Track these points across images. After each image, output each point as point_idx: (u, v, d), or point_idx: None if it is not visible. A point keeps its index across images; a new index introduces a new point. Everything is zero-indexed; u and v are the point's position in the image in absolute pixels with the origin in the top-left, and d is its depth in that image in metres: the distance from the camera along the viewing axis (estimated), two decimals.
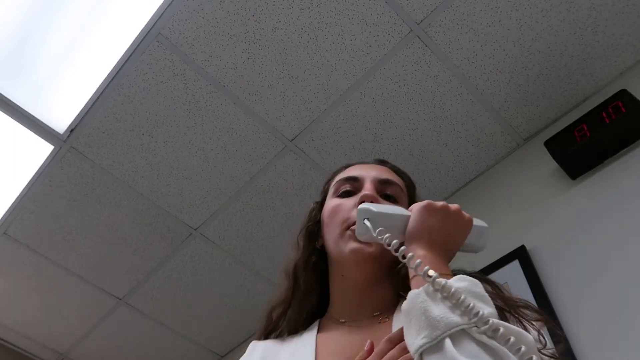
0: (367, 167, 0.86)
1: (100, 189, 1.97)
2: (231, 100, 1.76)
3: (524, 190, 1.71)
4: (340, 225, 0.77)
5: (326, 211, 0.82)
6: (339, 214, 0.79)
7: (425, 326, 0.54)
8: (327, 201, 0.85)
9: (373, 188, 0.79)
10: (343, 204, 0.80)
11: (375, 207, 0.71)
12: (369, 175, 0.83)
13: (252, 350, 0.79)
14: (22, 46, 1.64)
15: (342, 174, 0.87)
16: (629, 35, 1.59)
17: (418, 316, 0.55)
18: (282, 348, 0.77)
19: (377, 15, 1.57)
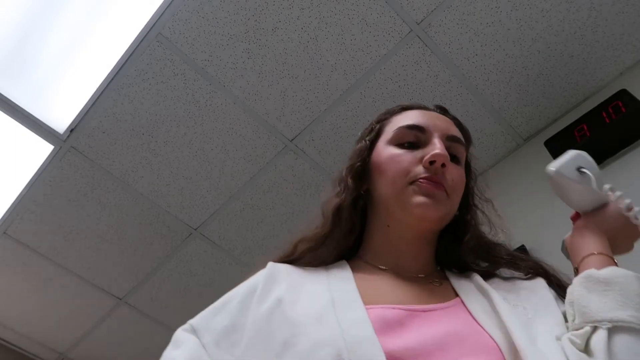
0: (432, 116, 0.79)
1: (100, 189, 1.97)
2: (231, 100, 1.76)
3: (524, 190, 1.71)
4: (403, 178, 0.71)
5: (383, 157, 0.76)
6: (400, 166, 0.72)
7: (636, 307, 0.55)
8: (383, 146, 0.77)
9: (443, 147, 0.73)
10: (405, 157, 0.73)
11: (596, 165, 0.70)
12: (436, 128, 0.76)
13: (274, 271, 0.71)
14: (22, 46, 1.64)
15: (403, 119, 0.79)
16: (629, 35, 1.59)
17: (629, 294, 0.56)
18: (309, 278, 0.71)
19: (377, 15, 1.57)
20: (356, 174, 0.78)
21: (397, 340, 0.56)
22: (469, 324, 0.61)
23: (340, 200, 0.76)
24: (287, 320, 0.61)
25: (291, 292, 0.66)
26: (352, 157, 0.81)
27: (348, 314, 0.60)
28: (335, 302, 0.63)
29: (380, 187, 0.75)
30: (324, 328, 0.58)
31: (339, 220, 0.76)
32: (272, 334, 0.60)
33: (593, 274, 0.60)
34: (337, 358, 0.53)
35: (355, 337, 0.55)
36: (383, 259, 0.75)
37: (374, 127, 0.82)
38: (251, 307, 0.66)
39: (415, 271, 0.74)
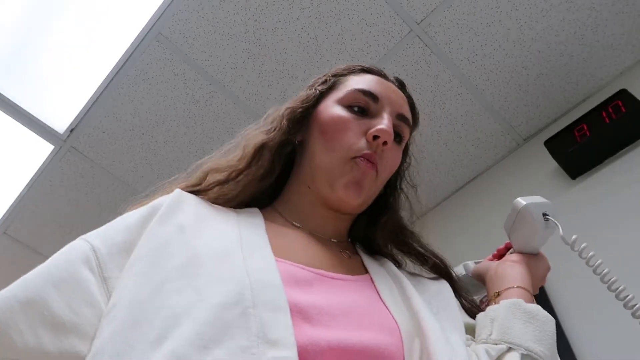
0: (389, 88, 0.76)
1: (100, 189, 1.97)
2: (231, 100, 1.76)
3: (524, 190, 1.70)
4: (344, 149, 0.68)
5: (328, 115, 0.72)
6: (346, 134, 0.69)
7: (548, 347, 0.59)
8: (331, 103, 0.73)
9: (391, 125, 0.70)
10: (352, 124, 0.70)
11: None
12: (390, 102, 0.73)
13: (180, 198, 0.64)
14: (22, 46, 1.64)
15: (359, 82, 0.75)
16: (629, 35, 1.59)
17: (544, 330, 0.60)
18: (217, 215, 0.65)
19: (377, 15, 1.57)
20: (294, 118, 0.73)
21: (304, 295, 0.54)
22: (374, 302, 0.61)
23: (267, 139, 0.71)
24: (187, 247, 0.56)
25: (196, 222, 0.61)
26: (296, 101, 0.76)
27: (256, 258, 0.56)
28: (244, 244, 0.58)
29: (315, 147, 0.71)
30: (228, 265, 0.54)
31: (258, 159, 0.70)
32: (167, 257, 0.54)
33: (521, 304, 0.62)
34: (239, 296, 0.49)
35: (261, 282, 0.52)
36: (297, 216, 0.71)
37: (328, 80, 0.78)
38: (148, 226, 0.59)
39: (329, 236, 0.72)
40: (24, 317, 0.48)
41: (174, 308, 0.48)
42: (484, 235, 1.73)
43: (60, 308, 0.50)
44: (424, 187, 2.11)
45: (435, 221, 1.97)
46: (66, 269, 0.53)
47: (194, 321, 0.47)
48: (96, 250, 0.55)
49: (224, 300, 0.48)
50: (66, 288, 0.51)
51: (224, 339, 0.45)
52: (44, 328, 0.48)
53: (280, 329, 0.47)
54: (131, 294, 0.50)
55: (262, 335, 0.46)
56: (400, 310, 0.60)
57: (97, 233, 0.58)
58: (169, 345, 0.45)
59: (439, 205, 2.00)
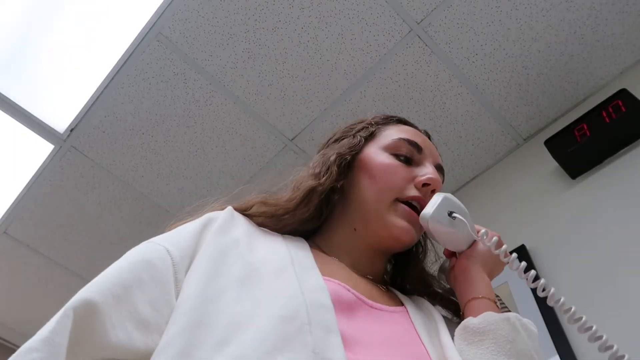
0: (425, 140, 0.82)
1: (100, 188, 1.97)
2: (231, 100, 1.76)
3: (524, 190, 1.71)
4: (391, 192, 0.72)
5: (376, 162, 0.75)
6: (393, 177, 0.73)
7: (505, 353, 0.58)
8: (377, 150, 0.77)
9: (436, 173, 0.76)
10: (399, 170, 0.74)
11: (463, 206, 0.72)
12: (430, 153, 0.80)
13: (234, 214, 0.69)
14: (22, 46, 1.64)
15: (401, 132, 0.80)
16: (629, 35, 1.59)
17: (499, 341, 0.58)
18: (265, 235, 0.69)
19: (377, 14, 1.57)
20: (343, 165, 0.76)
21: (347, 322, 0.56)
22: (410, 334, 0.63)
23: (317, 184, 0.73)
24: (244, 260, 0.59)
25: (249, 239, 0.65)
26: (343, 147, 0.78)
27: (308, 277, 0.59)
28: (295, 262, 0.62)
29: (364, 191, 0.74)
30: (284, 281, 0.57)
31: (307, 203, 0.73)
32: (226, 266, 0.58)
33: (468, 325, 0.62)
34: (296, 313, 0.52)
35: (315, 301, 0.55)
36: (338, 252, 0.74)
37: (369, 127, 0.81)
38: (207, 236, 0.62)
39: (366, 273, 0.74)
40: (117, 312, 0.51)
41: (235, 316, 0.52)
42: None
43: (145, 307, 0.53)
44: None
45: None
46: (147, 269, 0.56)
47: (257, 329, 0.50)
48: (170, 253, 0.58)
49: (283, 313, 0.52)
50: (149, 288, 0.54)
51: (285, 349, 0.48)
52: (132, 324, 0.51)
53: (334, 349, 0.50)
54: (195, 297, 0.53)
55: (318, 352, 0.49)
56: (432, 343, 0.62)
57: (165, 238, 0.62)
58: (234, 350, 0.48)
59: None
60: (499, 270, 0.74)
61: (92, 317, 0.49)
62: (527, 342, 0.60)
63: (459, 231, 0.70)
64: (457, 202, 0.72)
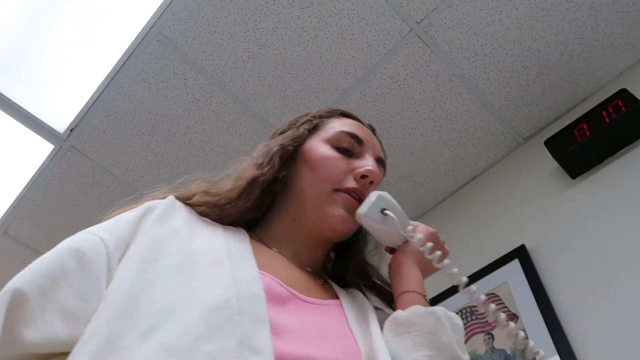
0: (367, 133, 0.83)
1: (100, 188, 1.97)
2: (231, 100, 1.76)
3: (524, 190, 1.71)
4: (331, 184, 0.74)
5: (317, 154, 0.77)
6: (332, 169, 0.75)
7: (429, 345, 0.59)
8: (319, 142, 0.79)
9: (376, 166, 0.77)
10: (339, 161, 0.76)
11: (397, 204, 0.74)
12: (372, 146, 0.81)
13: (175, 203, 0.69)
14: (22, 46, 1.64)
15: (344, 125, 0.81)
16: (629, 35, 1.59)
17: (424, 333, 0.61)
18: (206, 225, 0.69)
19: (377, 14, 1.57)
20: (285, 156, 0.77)
21: (277, 313, 0.57)
22: (342, 327, 0.65)
23: (259, 174, 0.74)
24: (181, 250, 0.59)
25: (188, 229, 0.65)
26: (286, 139, 0.79)
27: (242, 269, 0.60)
28: (232, 254, 0.62)
29: (303, 182, 0.76)
30: (219, 272, 0.58)
31: (249, 193, 0.74)
32: (162, 256, 0.58)
33: (396, 317, 0.64)
34: (227, 304, 0.52)
35: (247, 292, 0.55)
36: (277, 243, 0.75)
37: (313, 120, 0.83)
38: (144, 225, 0.62)
39: (305, 264, 0.75)
40: (40, 302, 0.50)
41: (166, 304, 0.52)
42: (484, 235, 1.74)
43: (71, 297, 0.52)
44: (424, 187, 2.13)
45: (435, 221, 1.97)
46: (77, 259, 0.55)
47: (186, 318, 0.50)
48: (105, 241, 0.58)
49: (214, 303, 0.52)
50: (77, 278, 0.54)
51: (212, 338, 0.49)
52: (55, 315, 0.50)
53: (262, 339, 0.51)
54: (127, 285, 0.53)
55: (246, 342, 0.50)
56: (362, 335, 0.64)
57: (101, 227, 0.62)
58: (160, 338, 0.48)
59: (439, 205, 2.00)
60: (432, 269, 0.75)
61: (18, 307, 0.48)
62: (451, 334, 0.62)
63: (391, 228, 0.72)
64: (390, 200, 0.74)
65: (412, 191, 1.98)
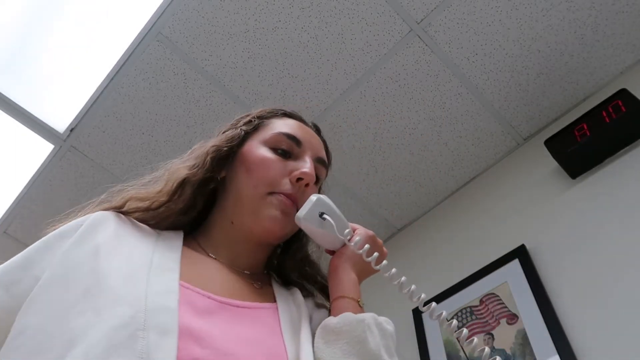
0: (309, 133, 0.82)
1: (100, 188, 1.96)
2: (231, 100, 1.76)
3: (524, 190, 1.71)
4: (266, 186, 0.73)
5: (254, 156, 0.76)
6: (268, 172, 0.73)
7: (356, 353, 0.59)
8: (256, 144, 0.78)
9: (313, 168, 0.76)
10: (275, 164, 0.75)
11: (335, 207, 0.74)
12: (311, 146, 0.80)
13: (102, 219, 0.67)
14: (22, 46, 1.64)
15: (283, 126, 0.80)
16: (629, 35, 1.59)
17: (352, 341, 0.60)
18: (136, 234, 0.68)
19: (377, 14, 1.57)
20: (219, 157, 0.76)
21: (199, 321, 0.57)
22: (273, 331, 0.64)
23: (189, 174, 0.73)
24: (95, 270, 0.58)
25: (112, 242, 0.63)
26: (222, 140, 0.79)
27: (159, 281, 0.58)
28: (153, 266, 0.61)
29: (240, 184, 0.75)
30: (130, 287, 0.56)
31: (179, 195, 0.72)
32: (75, 281, 0.57)
33: (327, 324, 0.64)
34: (131, 320, 0.51)
35: (157, 304, 0.54)
36: (215, 248, 0.74)
37: (253, 121, 0.82)
38: (62, 247, 0.62)
39: (243, 267, 0.75)
40: None
41: (72, 331, 0.51)
42: (484, 235, 1.73)
43: None
44: (424, 187, 2.13)
45: (435, 221, 1.97)
46: None
47: (86, 343, 0.49)
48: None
49: (117, 322, 0.51)
50: None
51: (110, 358, 0.48)
52: None
53: (164, 350, 0.50)
54: (38, 321, 0.53)
55: (145, 356, 0.49)
56: (293, 340, 0.64)
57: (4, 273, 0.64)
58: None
59: (439, 205, 2.00)
60: (370, 271, 0.75)
61: None
62: (379, 341, 0.62)
63: (329, 232, 0.72)
64: (329, 204, 0.74)
65: (412, 191, 1.98)
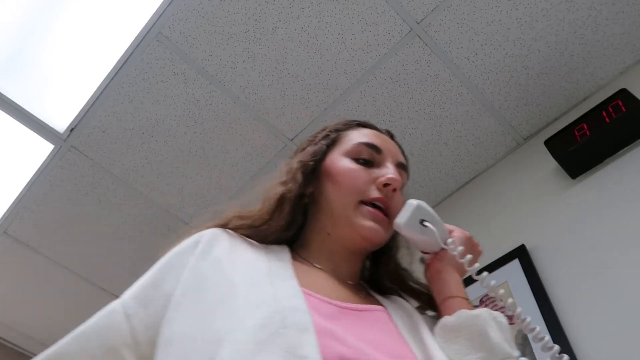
0: (385, 140, 0.85)
1: (100, 188, 1.97)
2: (231, 100, 1.76)
3: (524, 190, 1.71)
4: (356, 196, 0.75)
5: (338, 168, 0.79)
6: (356, 182, 0.76)
7: (480, 347, 0.61)
8: (338, 156, 0.81)
9: (397, 173, 0.78)
10: (360, 173, 0.77)
11: (434, 212, 0.75)
12: (390, 152, 0.82)
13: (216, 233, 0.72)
14: (22, 46, 1.64)
15: (361, 136, 0.83)
16: (629, 35, 1.59)
17: (474, 336, 0.63)
18: (247, 246, 0.72)
19: (377, 14, 1.57)
20: (307, 171, 0.79)
21: (329, 323, 0.59)
22: (392, 335, 0.66)
23: (286, 191, 0.77)
24: (225, 279, 0.63)
25: (230, 254, 0.68)
26: (306, 155, 0.82)
27: (283, 287, 0.62)
28: (272, 273, 0.65)
29: (330, 196, 0.78)
30: (260, 292, 0.60)
31: (279, 211, 0.76)
32: (209, 289, 0.62)
33: (445, 323, 0.66)
34: (270, 320, 0.55)
35: (290, 306, 0.58)
36: (318, 259, 0.77)
37: (331, 135, 0.85)
38: (191, 261, 0.67)
39: (345, 277, 0.77)
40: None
41: (217, 333, 0.56)
42: (484, 235, 1.73)
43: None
44: (424, 187, 2.12)
45: None
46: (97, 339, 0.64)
47: (234, 342, 0.54)
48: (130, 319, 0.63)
49: (258, 322, 0.55)
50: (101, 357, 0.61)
51: (260, 353, 0.52)
52: None
53: (308, 346, 0.53)
54: (184, 329, 0.59)
55: (292, 351, 0.52)
56: (415, 342, 0.65)
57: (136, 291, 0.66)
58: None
59: (439, 204, 2.00)
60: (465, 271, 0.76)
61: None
62: (499, 334, 0.63)
63: (430, 238, 0.74)
64: (428, 210, 0.75)
65: (412, 191, 1.97)
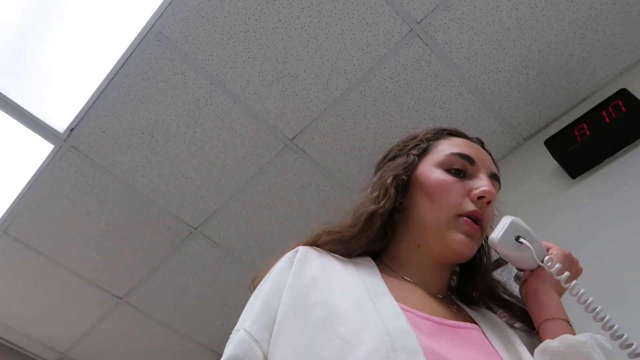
0: (478, 150, 0.83)
1: (100, 188, 1.97)
2: (231, 100, 1.76)
3: (524, 189, 1.71)
4: (450, 209, 0.74)
5: (431, 180, 0.77)
6: (450, 195, 0.75)
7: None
8: (430, 167, 0.79)
9: (491, 185, 0.77)
10: (454, 185, 0.76)
11: (530, 229, 0.74)
12: (484, 163, 0.81)
13: (306, 252, 0.72)
14: (22, 46, 1.64)
15: (452, 146, 0.81)
16: (629, 34, 1.59)
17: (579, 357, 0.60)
18: (338, 264, 0.72)
19: (377, 14, 1.57)
20: (400, 185, 0.78)
21: (432, 342, 0.59)
22: (488, 352, 0.65)
23: (378, 207, 0.76)
24: (324, 300, 0.63)
25: (324, 273, 0.68)
26: (398, 168, 0.81)
27: (384, 304, 0.62)
28: (370, 291, 0.65)
29: (422, 209, 0.77)
30: (364, 314, 0.60)
31: (370, 227, 0.76)
32: (309, 309, 0.62)
33: (548, 347, 0.64)
34: (381, 343, 0.55)
35: (395, 328, 0.57)
36: (407, 272, 0.77)
37: (421, 144, 0.83)
38: (287, 282, 0.67)
39: (435, 290, 0.76)
40: None
41: (329, 357, 0.56)
42: None
43: None
44: None
45: None
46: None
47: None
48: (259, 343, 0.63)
49: (369, 347, 0.55)
50: None
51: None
52: None
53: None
54: (288, 355, 0.59)
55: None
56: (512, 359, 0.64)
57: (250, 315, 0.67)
58: None
59: None
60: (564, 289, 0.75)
61: None
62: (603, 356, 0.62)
63: (526, 255, 0.72)
64: (524, 227, 0.74)
65: None
